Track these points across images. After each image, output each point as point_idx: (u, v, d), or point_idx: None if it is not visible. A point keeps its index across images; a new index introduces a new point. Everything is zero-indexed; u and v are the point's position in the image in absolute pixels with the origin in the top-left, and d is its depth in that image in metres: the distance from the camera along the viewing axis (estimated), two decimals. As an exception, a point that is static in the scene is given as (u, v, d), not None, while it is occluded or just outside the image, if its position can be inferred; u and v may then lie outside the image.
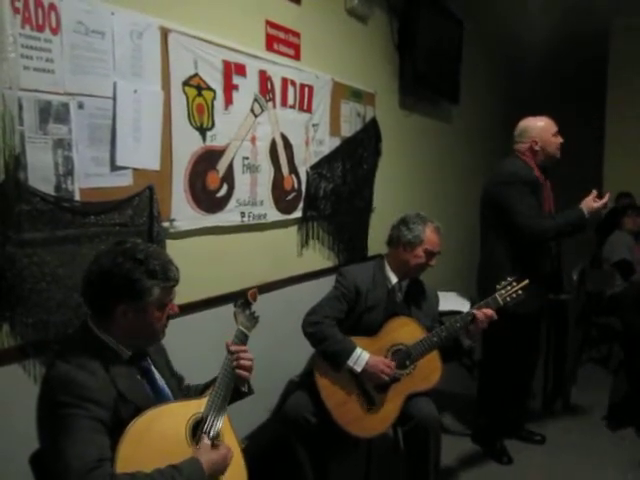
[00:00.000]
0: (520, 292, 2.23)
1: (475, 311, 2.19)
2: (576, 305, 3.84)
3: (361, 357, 2.19)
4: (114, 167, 1.82)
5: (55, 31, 1.59)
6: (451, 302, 3.15)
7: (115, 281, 1.35)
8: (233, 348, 1.60)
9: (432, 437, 2.19)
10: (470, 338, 2.24)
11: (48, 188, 1.62)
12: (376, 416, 2.22)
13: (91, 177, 1.75)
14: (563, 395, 3.71)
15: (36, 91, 1.56)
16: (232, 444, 1.50)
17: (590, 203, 2.65)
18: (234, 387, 1.58)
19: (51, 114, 1.60)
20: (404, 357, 2.23)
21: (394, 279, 2.40)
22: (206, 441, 1.42)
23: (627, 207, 4.81)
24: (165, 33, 1.96)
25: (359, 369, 2.19)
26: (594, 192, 2.67)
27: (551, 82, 7.20)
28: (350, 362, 2.19)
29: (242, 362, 1.59)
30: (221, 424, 1.49)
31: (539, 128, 2.82)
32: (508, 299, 2.23)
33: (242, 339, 1.65)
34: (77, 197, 1.71)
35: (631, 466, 2.92)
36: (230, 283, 2.35)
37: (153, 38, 1.92)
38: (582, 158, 5.32)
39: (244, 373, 1.60)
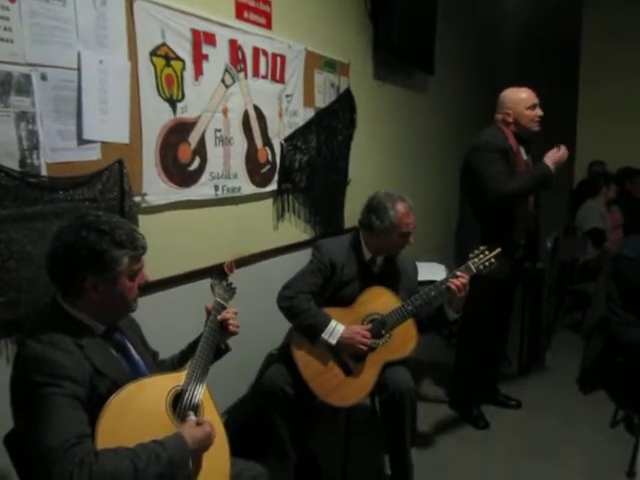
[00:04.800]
0: (493, 260, 2.25)
1: (449, 281, 2.20)
2: (550, 273, 3.90)
3: (336, 329, 2.20)
4: (81, 141, 1.77)
5: (13, -2, 1.53)
6: (429, 271, 3.17)
7: (82, 254, 1.32)
8: (220, 317, 1.67)
9: (407, 406, 2.21)
10: (454, 310, 2.24)
11: (12, 163, 1.57)
12: (353, 385, 2.23)
13: (58, 151, 1.70)
14: (538, 360, 3.80)
15: (-5, 61, 1.50)
16: (213, 416, 1.50)
17: (552, 155, 2.71)
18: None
19: (12, 86, 1.54)
20: (379, 326, 2.24)
21: (369, 254, 2.40)
22: (192, 418, 1.42)
23: (600, 175, 4.88)
24: (130, 0, 1.90)
25: (334, 341, 2.19)
26: (555, 147, 2.74)
27: (526, 52, 7.20)
28: (325, 335, 2.19)
29: (230, 322, 1.68)
30: (201, 396, 1.49)
31: (515, 100, 2.82)
32: (481, 267, 2.24)
33: (220, 310, 1.69)
34: (44, 172, 1.66)
35: (603, 427, 3.01)
36: (205, 258, 2.33)
37: (117, 6, 1.85)
38: (556, 127, 5.37)
39: (235, 330, 1.70)
